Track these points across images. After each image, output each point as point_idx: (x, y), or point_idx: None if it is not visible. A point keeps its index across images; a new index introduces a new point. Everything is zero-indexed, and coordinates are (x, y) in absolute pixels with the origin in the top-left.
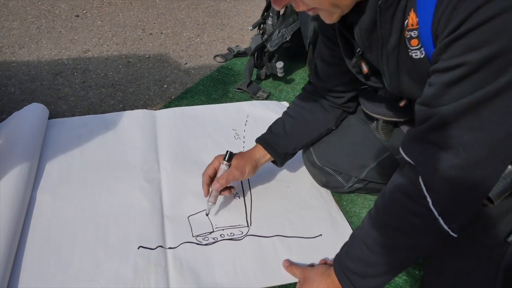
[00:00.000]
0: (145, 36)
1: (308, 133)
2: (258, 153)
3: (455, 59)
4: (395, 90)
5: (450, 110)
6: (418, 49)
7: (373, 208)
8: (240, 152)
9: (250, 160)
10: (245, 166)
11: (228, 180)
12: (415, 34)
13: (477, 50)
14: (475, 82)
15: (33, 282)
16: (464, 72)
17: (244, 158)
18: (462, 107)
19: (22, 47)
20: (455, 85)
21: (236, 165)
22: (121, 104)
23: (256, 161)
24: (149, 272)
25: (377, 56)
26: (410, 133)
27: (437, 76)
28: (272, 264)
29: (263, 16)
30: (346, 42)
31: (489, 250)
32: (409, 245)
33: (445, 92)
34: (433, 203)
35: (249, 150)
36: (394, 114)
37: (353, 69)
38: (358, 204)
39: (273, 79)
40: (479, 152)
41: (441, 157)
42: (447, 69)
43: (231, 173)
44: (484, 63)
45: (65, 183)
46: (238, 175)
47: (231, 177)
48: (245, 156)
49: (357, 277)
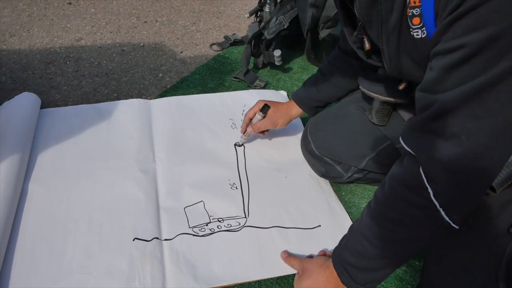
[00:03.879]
0: (139, 24)
1: (337, 89)
2: (293, 109)
3: (456, 40)
4: (395, 72)
5: (452, 97)
6: (419, 28)
7: (372, 200)
8: (276, 104)
9: (285, 114)
10: (279, 119)
11: (260, 128)
12: (417, 12)
13: (478, 31)
14: (477, 66)
15: (26, 274)
16: (465, 54)
17: (280, 111)
18: (464, 94)
19: (13, 35)
20: (456, 69)
21: (271, 117)
22: (115, 93)
23: (290, 115)
24: (145, 264)
25: (377, 34)
26: (411, 122)
27: (438, 59)
28: (270, 255)
29: (260, 3)
30: (347, 13)
31: (492, 241)
32: (409, 237)
33: (445, 77)
34: (434, 194)
35: (286, 104)
36: (392, 95)
37: (354, 44)
38: (357, 195)
39: (271, 68)
40: (483, 140)
41: (443, 147)
42: (448, 51)
43: (264, 122)
44: (485, 44)
45: (58, 174)
46: (270, 125)
47: (263, 126)
48: (282, 109)
49: (357, 271)
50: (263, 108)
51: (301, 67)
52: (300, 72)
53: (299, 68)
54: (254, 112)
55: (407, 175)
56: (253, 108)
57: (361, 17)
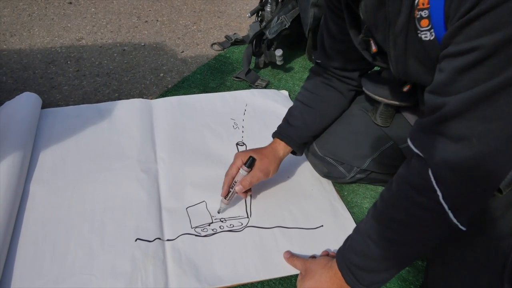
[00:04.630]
0: (140, 24)
1: (326, 120)
2: (280, 149)
3: (469, 43)
4: (401, 74)
5: (463, 100)
6: (428, 30)
7: (378, 200)
8: (260, 151)
9: (274, 158)
10: (269, 166)
11: (251, 183)
12: (426, 14)
13: (492, 34)
14: (490, 69)
15: (28, 275)
16: (477, 57)
17: (267, 158)
18: (476, 96)
19: (14, 35)
20: (468, 71)
21: (260, 167)
22: (116, 93)
23: (279, 158)
24: (147, 264)
25: (384, 36)
26: (419, 123)
27: (449, 61)
28: (273, 255)
29: (261, 3)
30: (352, 15)
31: (497, 241)
32: (416, 239)
33: (457, 79)
34: (443, 196)
35: (270, 147)
36: (397, 98)
37: (359, 46)
38: (360, 195)
39: (272, 68)
40: (494, 143)
41: (453, 149)
42: (459, 54)
43: (255, 175)
44: (499, 47)
45: (59, 175)
46: (262, 176)
47: (255, 180)
48: (268, 155)
49: (361, 272)
50: (248, 162)
51: (302, 66)
52: (301, 72)
53: (300, 68)
54: (237, 168)
55: (415, 176)
56: (233, 164)
57: (366, 19)
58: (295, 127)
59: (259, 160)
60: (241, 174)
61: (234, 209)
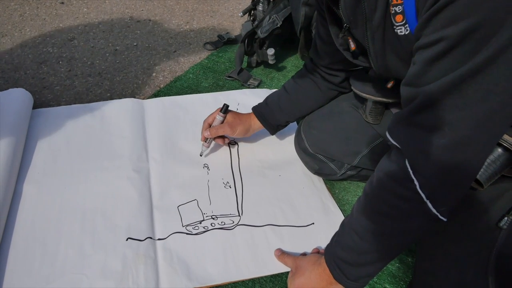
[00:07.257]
0: (132, 23)
1: (300, 110)
2: (252, 120)
3: (436, 34)
4: (382, 70)
5: (433, 90)
6: (403, 25)
7: (362, 195)
8: (238, 114)
9: (244, 123)
10: (237, 126)
11: (217, 132)
12: (400, 9)
13: (456, 24)
14: (456, 58)
15: (19, 275)
16: (444, 47)
17: (239, 119)
18: (445, 85)
19: (5, 35)
20: (437, 62)
21: (230, 122)
22: (108, 93)
23: (249, 125)
24: (138, 264)
25: (363, 32)
26: (396, 116)
27: (420, 53)
28: (264, 253)
29: (253, 2)
30: (334, 17)
31: (481, 235)
32: (399, 230)
33: (427, 70)
34: (420, 186)
35: (246, 114)
36: (383, 94)
37: (341, 46)
38: (351, 192)
39: (264, 67)
40: (464, 131)
41: (427, 139)
42: (429, 45)
43: (222, 127)
44: (463, 37)
45: (51, 175)
46: (228, 131)
47: (221, 131)
48: (241, 117)
49: (348, 266)
50: (223, 108)
51: (294, 65)
52: (293, 71)
53: (292, 67)
54: (214, 116)
55: (394, 168)
56: (212, 114)
57: (346, 17)
58: (270, 107)
59: (232, 118)
60: (217, 120)
61: (225, 207)
